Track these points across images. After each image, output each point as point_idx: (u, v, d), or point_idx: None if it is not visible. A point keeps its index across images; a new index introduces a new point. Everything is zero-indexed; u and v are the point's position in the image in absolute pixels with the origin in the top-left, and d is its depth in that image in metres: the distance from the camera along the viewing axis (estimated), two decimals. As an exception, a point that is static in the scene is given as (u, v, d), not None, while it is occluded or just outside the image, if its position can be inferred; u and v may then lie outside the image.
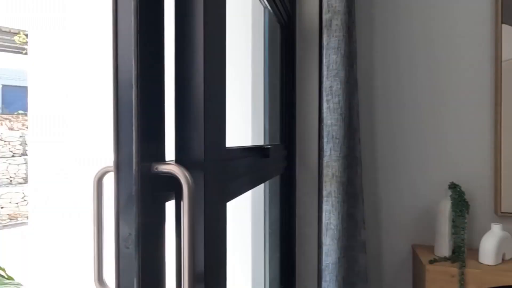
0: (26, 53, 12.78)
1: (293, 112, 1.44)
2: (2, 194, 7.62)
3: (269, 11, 1.33)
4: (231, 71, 0.68)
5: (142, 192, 0.40)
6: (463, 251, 1.41)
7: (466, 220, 1.46)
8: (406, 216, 1.69)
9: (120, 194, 0.41)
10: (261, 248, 1.40)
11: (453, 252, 1.47)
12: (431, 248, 1.57)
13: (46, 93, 2.34)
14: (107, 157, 0.43)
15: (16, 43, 11.85)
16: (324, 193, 1.28)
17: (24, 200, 7.89)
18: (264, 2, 1.23)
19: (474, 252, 1.49)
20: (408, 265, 1.69)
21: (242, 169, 0.80)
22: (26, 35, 11.60)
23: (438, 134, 1.66)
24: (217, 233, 0.53)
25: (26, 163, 8.62)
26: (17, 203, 7.81)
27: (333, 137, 1.28)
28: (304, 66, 1.43)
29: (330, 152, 1.28)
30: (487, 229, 1.47)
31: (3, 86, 12.04)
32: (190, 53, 0.48)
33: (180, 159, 0.48)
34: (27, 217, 7.96)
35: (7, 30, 12.76)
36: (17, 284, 1.09)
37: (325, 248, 1.25)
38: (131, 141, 0.40)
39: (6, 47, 14.32)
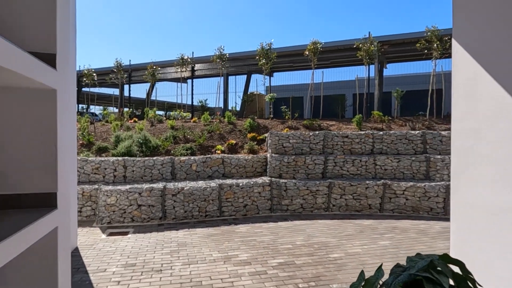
0: (425, 58, 13.67)
1: None
2: (407, 188, 8.57)
3: None
4: None
5: None
6: None
7: None
8: None
9: None
10: None
11: None
12: None
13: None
14: None
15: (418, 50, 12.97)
16: None
17: (425, 196, 8.44)
18: None
19: None
20: None
21: None
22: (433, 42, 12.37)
23: None
24: None
25: (426, 160, 9.19)
26: (419, 198, 8.50)
27: None
28: None
29: None
30: None
31: (406, 91, 13.64)
32: None
33: None
34: (427, 212, 8.42)
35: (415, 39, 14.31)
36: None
37: None
38: None
39: (408, 56, 16.11)
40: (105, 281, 4.48)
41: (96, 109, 26.22)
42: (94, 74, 17.87)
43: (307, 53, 13.81)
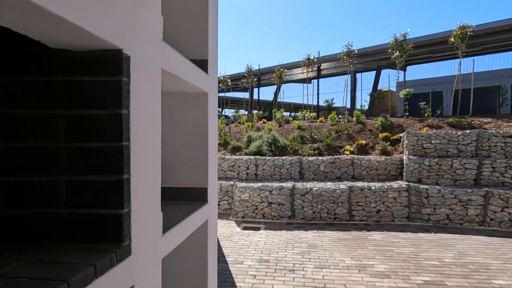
0: None
1: None
2: None
3: None
4: None
5: None
6: None
7: None
8: None
9: None
10: None
11: None
12: None
13: None
14: None
15: None
16: None
17: None
18: None
19: None
20: None
21: None
22: None
23: None
24: None
25: None
26: None
27: None
28: None
29: None
30: None
31: None
32: None
33: None
34: None
35: None
36: None
37: None
38: None
39: None
40: (242, 273, 4.73)
41: (228, 112, 28.93)
42: (228, 80, 19.61)
43: (452, 40, 11.94)
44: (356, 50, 14.71)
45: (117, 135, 1.40)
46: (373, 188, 7.86)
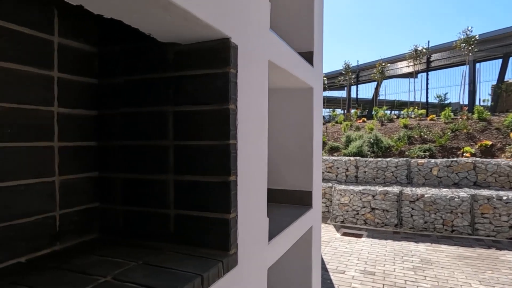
0: None
1: None
2: None
3: None
4: None
5: None
6: None
7: None
8: None
9: None
10: None
11: None
12: None
13: None
14: None
15: None
16: None
17: None
18: None
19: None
20: None
21: None
22: None
23: None
24: None
25: None
26: None
27: None
28: None
29: None
30: None
31: None
32: None
33: None
34: None
35: None
36: None
37: None
38: None
39: None
40: (345, 284, 4.37)
41: (323, 111, 28.26)
42: (324, 78, 19.07)
43: None
44: (477, 36, 12.66)
45: (224, 132, 1.28)
46: (504, 198, 6.54)
